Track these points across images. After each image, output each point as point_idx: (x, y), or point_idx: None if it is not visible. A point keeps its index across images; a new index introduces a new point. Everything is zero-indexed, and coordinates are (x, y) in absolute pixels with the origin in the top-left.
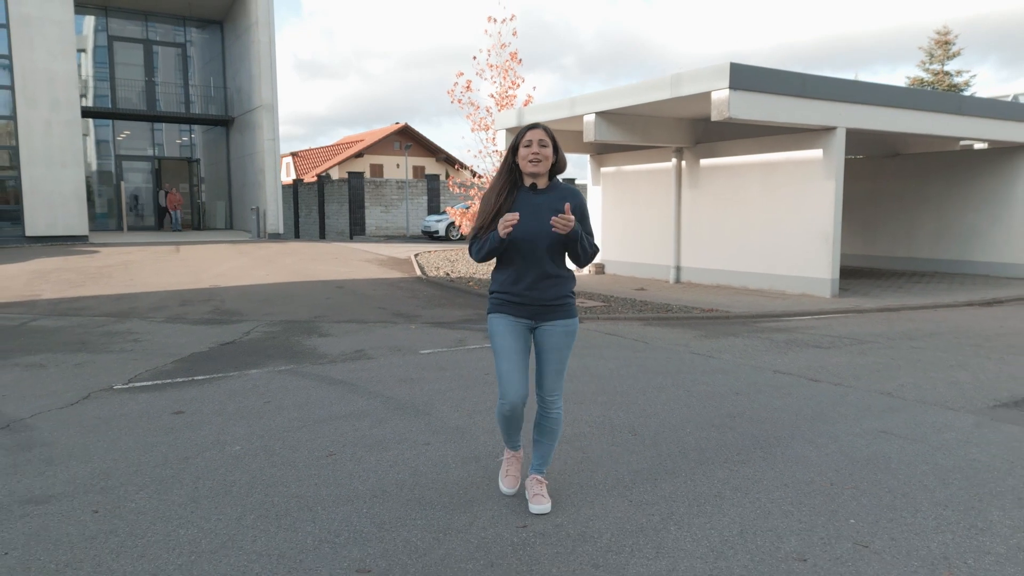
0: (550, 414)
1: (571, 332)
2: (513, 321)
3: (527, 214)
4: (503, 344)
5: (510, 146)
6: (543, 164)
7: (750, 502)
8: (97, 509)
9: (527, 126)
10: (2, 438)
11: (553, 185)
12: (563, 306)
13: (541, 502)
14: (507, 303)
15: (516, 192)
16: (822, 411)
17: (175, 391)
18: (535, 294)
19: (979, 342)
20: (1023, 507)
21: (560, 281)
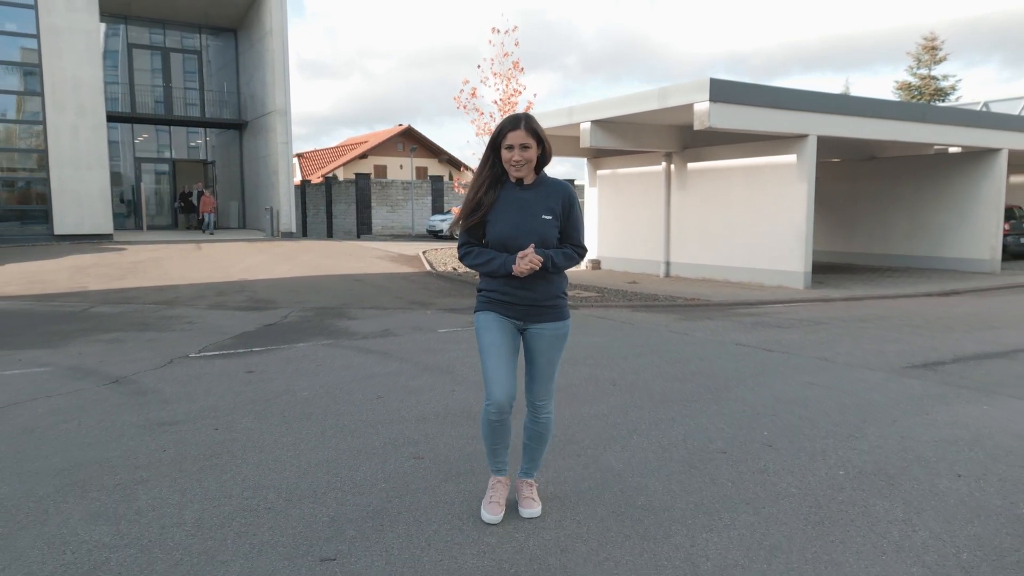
0: (539, 417)
1: (562, 336)
2: (501, 319)
3: (514, 211)
4: (489, 340)
5: (490, 142)
6: (526, 168)
7: (693, 423)
8: (217, 427)
9: (508, 121)
10: (118, 388)
11: (540, 180)
12: (554, 307)
13: (531, 505)
14: (496, 302)
15: (500, 188)
16: (766, 370)
17: (241, 358)
18: (525, 293)
19: (919, 324)
20: (892, 425)
21: (552, 280)
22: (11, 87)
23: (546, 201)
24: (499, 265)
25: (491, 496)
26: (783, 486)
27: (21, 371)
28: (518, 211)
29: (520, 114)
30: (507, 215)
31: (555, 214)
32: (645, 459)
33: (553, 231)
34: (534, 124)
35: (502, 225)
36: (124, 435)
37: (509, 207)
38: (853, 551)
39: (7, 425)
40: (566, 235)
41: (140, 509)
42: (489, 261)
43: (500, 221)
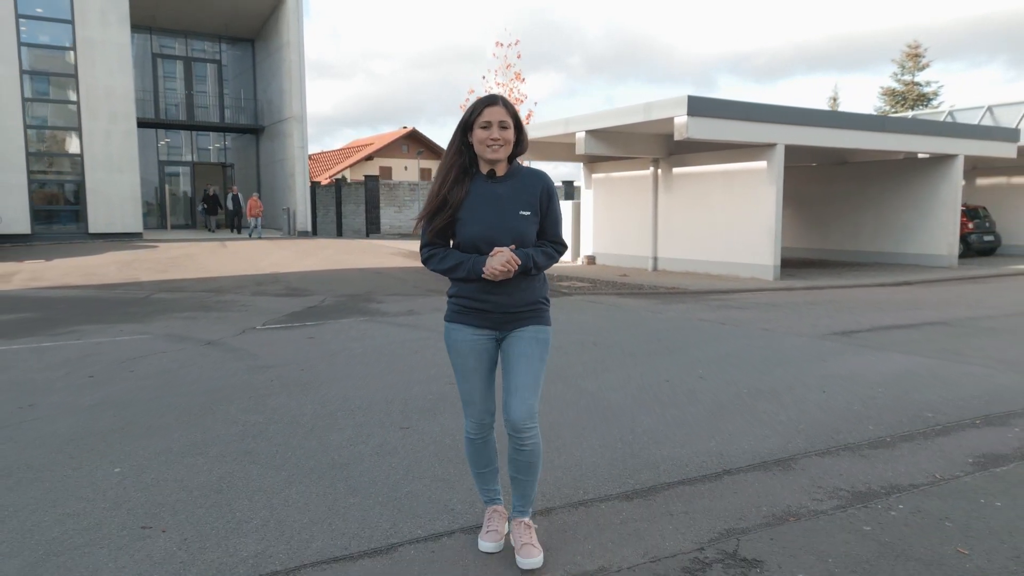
0: (524, 447)
1: (543, 340)
2: (474, 335)
3: (487, 208)
4: (463, 364)
5: (461, 123)
6: (503, 150)
7: (651, 367)
8: (303, 369)
9: (484, 99)
10: (213, 348)
11: (514, 171)
12: (534, 312)
13: (532, 553)
14: (468, 310)
15: (469, 180)
16: (716, 337)
17: (299, 329)
18: (501, 299)
19: (859, 306)
20: (795, 367)
21: (530, 284)
22: (50, 96)
23: (523, 195)
24: (468, 270)
25: (488, 527)
26: (702, 399)
27: (128, 337)
28: (492, 208)
29: (496, 94)
30: (480, 213)
31: (533, 209)
32: (610, 385)
33: (532, 228)
34: (511, 104)
35: (475, 225)
36: (237, 374)
37: (481, 203)
38: (745, 430)
39: (147, 368)
40: (544, 231)
41: (274, 407)
42: (457, 266)
43: (472, 220)
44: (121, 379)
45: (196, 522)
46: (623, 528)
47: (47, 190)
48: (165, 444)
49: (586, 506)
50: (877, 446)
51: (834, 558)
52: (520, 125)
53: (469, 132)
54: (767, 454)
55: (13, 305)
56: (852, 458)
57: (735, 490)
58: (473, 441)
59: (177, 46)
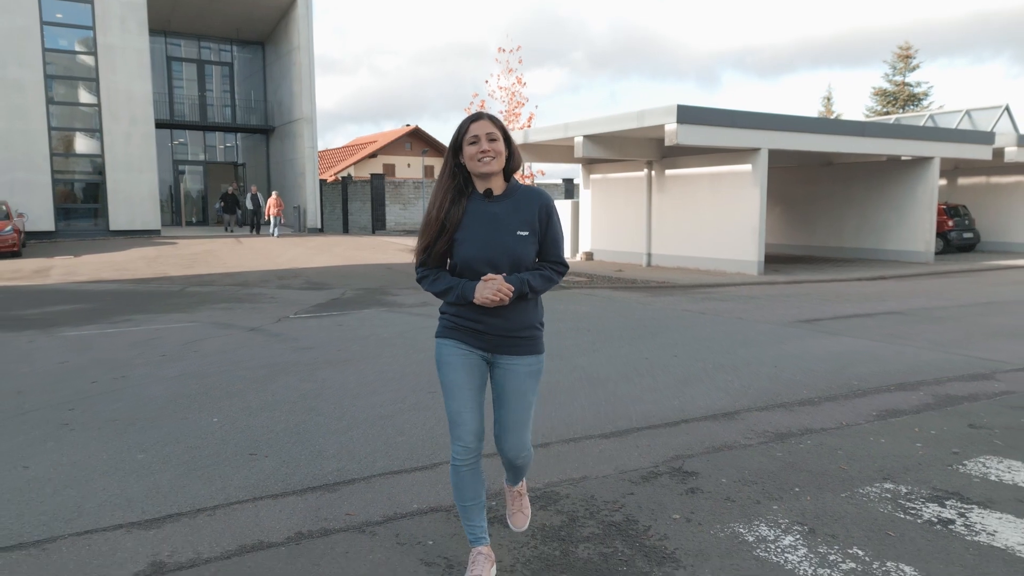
0: (517, 464)
1: (536, 372)
2: (465, 352)
3: (483, 229)
4: (453, 379)
5: (450, 145)
6: (496, 162)
7: (634, 347)
8: (339, 350)
9: (468, 117)
10: (256, 333)
11: (512, 189)
12: (529, 339)
13: (522, 521)
14: (460, 328)
15: (465, 201)
16: (695, 324)
17: (328, 318)
18: (496, 321)
19: (829, 297)
20: (757, 348)
21: (525, 307)
22: (73, 99)
23: (521, 213)
24: (458, 295)
25: (472, 571)
26: (673, 372)
27: (180, 325)
28: (488, 228)
29: (480, 111)
30: (475, 233)
31: (532, 228)
32: (599, 362)
33: (530, 249)
34: (498, 119)
35: (469, 246)
36: (284, 353)
37: (478, 224)
38: (704, 394)
39: (207, 349)
40: (544, 251)
41: (323, 378)
42: (448, 290)
43: (467, 240)
44: (189, 357)
45: (287, 452)
46: (601, 455)
47: (70, 189)
48: (244, 403)
49: (575, 442)
50: (804, 404)
51: (749, 470)
52: (509, 139)
53: (460, 153)
54: (717, 409)
55: (63, 297)
56: (783, 412)
57: (687, 432)
58: (459, 469)
59: (190, 49)
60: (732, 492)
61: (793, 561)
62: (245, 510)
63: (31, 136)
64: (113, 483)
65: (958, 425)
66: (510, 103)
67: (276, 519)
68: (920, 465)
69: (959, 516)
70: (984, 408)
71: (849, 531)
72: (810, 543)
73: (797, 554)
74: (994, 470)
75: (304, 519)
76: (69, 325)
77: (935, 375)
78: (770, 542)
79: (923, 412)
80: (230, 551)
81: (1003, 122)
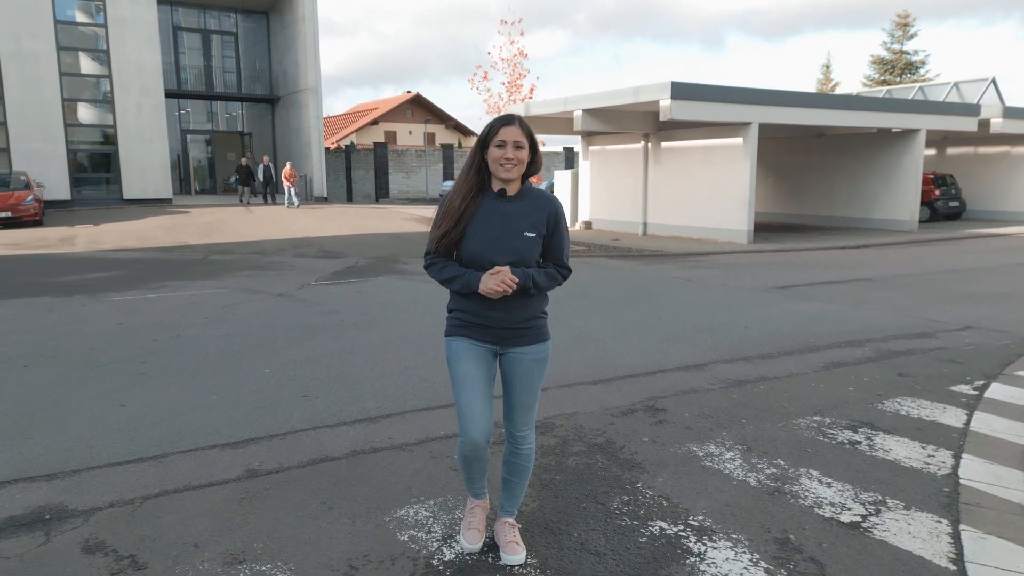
0: (521, 450)
1: (542, 360)
2: (475, 345)
3: (493, 226)
4: (463, 372)
5: (479, 141)
6: (517, 170)
7: (625, 312)
8: (362, 313)
9: (501, 119)
10: (284, 298)
11: (525, 191)
12: (533, 328)
13: (515, 551)
14: (468, 325)
15: (481, 196)
16: (682, 290)
17: (347, 284)
18: (501, 315)
19: (810, 265)
20: (734, 311)
21: (529, 301)
22: (85, 71)
23: (530, 216)
24: (464, 283)
25: (469, 522)
26: (657, 332)
27: (212, 291)
28: (498, 226)
29: (513, 114)
30: (485, 229)
31: (539, 231)
32: (592, 324)
33: (535, 250)
34: (527, 125)
35: (477, 241)
36: (313, 316)
37: (488, 221)
38: (681, 350)
39: (244, 312)
40: (549, 253)
41: (352, 338)
42: (454, 278)
43: (476, 235)
44: (229, 319)
45: (332, 394)
46: (589, 397)
47: (84, 159)
48: (288, 357)
49: (569, 387)
50: (765, 358)
51: (708, 408)
52: (535, 146)
53: (485, 150)
54: (690, 362)
55: (97, 265)
56: (745, 364)
57: (662, 379)
58: (467, 457)
59: (195, 18)
60: (692, 423)
61: (730, 468)
62: (308, 436)
63: (46, 107)
64: (198, 417)
65: (889, 374)
66: (512, 74)
67: (334, 442)
68: (847, 404)
69: (866, 439)
70: (916, 361)
71: (777, 449)
72: (745, 457)
73: (734, 463)
74: (905, 407)
75: (356, 441)
76: (112, 291)
77: (883, 334)
78: (715, 456)
79: (863, 364)
80: (304, 462)
81: (989, 94)
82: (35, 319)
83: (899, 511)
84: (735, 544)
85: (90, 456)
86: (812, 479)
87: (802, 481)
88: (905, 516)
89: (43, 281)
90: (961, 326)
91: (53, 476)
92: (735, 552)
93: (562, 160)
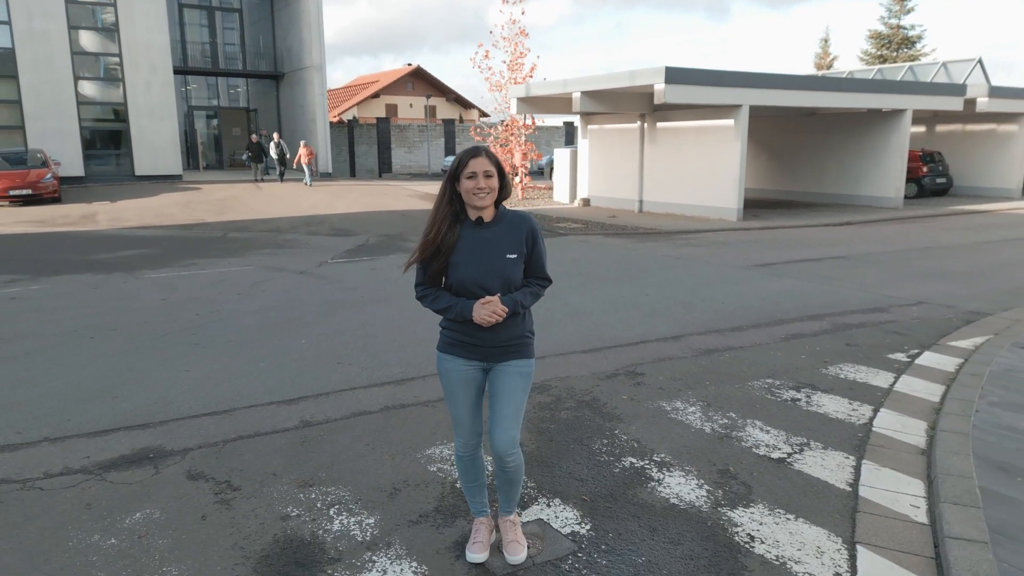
0: (507, 468)
1: (526, 374)
2: (464, 365)
3: (475, 252)
4: (453, 390)
5: (449, 173)
6: (489, 197)
7: (616, 288)
8: (380, 290)
9: (468, 152)
10: (305, 276)
11: (500, 215)
12: (519, 346)
13: (517, 551)
14: (458, 343)
15: (459, 226)
16: (670, 267)
17: (361, 263)
18: (488, 335)
19: (790, 243)
20: (715, 287)
21: (515, 320)
22: (95, 50)
23: (509, 238)
24: (457, 313)
25: (475, 538)
26: (642, 307)
27: (238, 268)
28: (481, 252)
29: (480, 145)
30: (470, 257)
31: (519, 251)
32: (586, 299)
33: (519, 270)
34: (493, 154)
35: (465, 269)
36: (335, 293)
37: (471, 248)
38: (662, 323)
39: (271, 289)
40: (530, 268)
41: (371, 312)
42: (448, 308)
43: (463, 264)
44: (260, 296)
45: (363, 362)
46: (580, 363)
47: (96, 136)
48: (319, 330)
49: (563, 356)
50: (734, 330)
51: (679, 372)
52: (503, 172)
53: (456, 182)
54: (669, 334)
55: (125, 243)
56: (716, 336)
57: (643, 349)
58: (462, 458)
59: None
60: (664, 384)
61: (690, 419)
62: (346, 395)
63: (58, 86)
64: (252, 380)
65: (839, 344)
66: (513, 53)
67: (369, 399)
68: (797, 369)
69: (805, 397)
70: (865, 332)
71: (731, 405)
72: (704, 410)
73: (695, 416)
74: (845, 372)
75: (387, 399)
76: (146, 268)
77: (843, 309)
78: (680, 410)
79: (819, 335)
80: (347, 415)
81: (976, 74)
82: (85, 295)
83: (818, 451)
84: (687, 473)
85: (172, 410)
86: (755, 428)
87: (747, 429)
88: (822, 454)
89: (79, 259)
90: (914, 302)
91: (146, 426)
92: (686, 479)
93: (562, 134)
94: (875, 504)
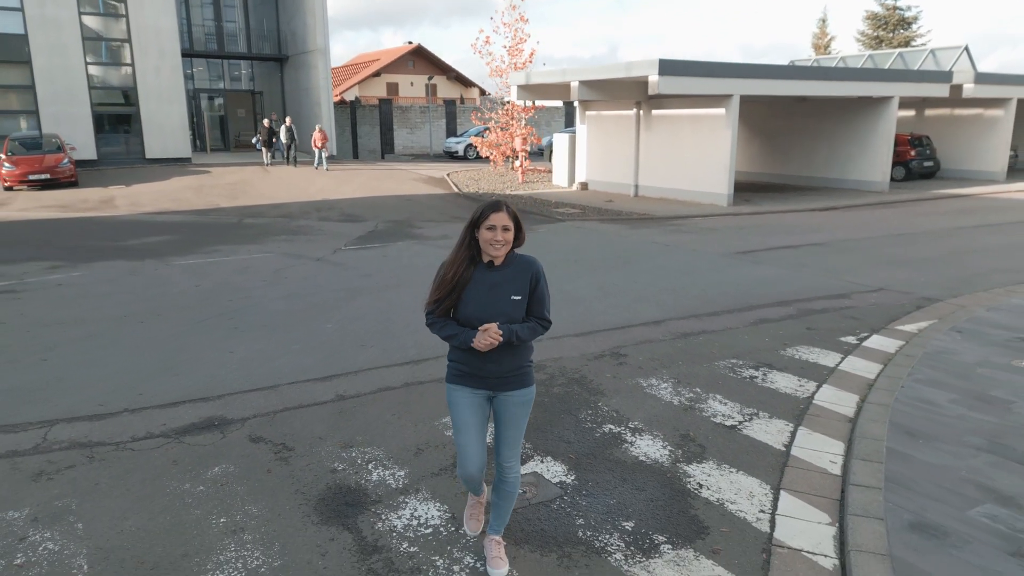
0: (507, 478)
1: (527, 403)
2: (471, 394)
3: (483, 292)
4: (461, 419)
5: (470, 221)
6: (504, 248)
7: (608, 275)
8: (394, 275)
9: (491, 205)
10: (322, 262)
11: (510, 259)
12: (520, 375)
13: (499, 565)
14: (465, 375)
15: (473, 267)
16: (660, 254)
17: (373, 249)
18: (493, 367)
19: (773, 229)
20: (699, 274)
21: (515, 352)
22: (105, 35)
23: (516, 281)
24: (461, 341)
25: (471, 513)
26: (631, 293)
27: (259, 255)
28: (488, 293)
29: (501, 200)
30: (477, 295)
31: (523, 293)
32: (580, 286)
33: (521, 310)
34: (514, 209)
35: (472, 306)
36: (352, 279)
37: (480, 288)
38: (646, 308)
39: (293, 275)
40: (531, 309)
41: (388, 298)
42: (453, 336)
43: (471, 301)
44: (283, 282)
45: (383, 344)
46: (572, 346)
47: (107, 120)
48: (343, 315)
49: (557, 339)
50: (710, 315)
51: (657, 353)
52: (520, 226)
53: (476, 229)
54: (651, 319)
55: (148, 229)
56: (693, 320)
57: (628, 333)
58: (466, 480)
59: None
60: (643, 364)
61: (662, 393)
62: (371, 373)
63: (70, 71)
64: (289, 361)
65: (800, 328)
66: (513, 39)
67: (392, 377)
68: (759, 350)
69: (762, 375)
70: (825, 317)
71: (698, 381)
72: (674, 386)
73: (666, 391)
74: (800, 353)
75: (407, 376)
76: (174, 255)
77: (809, 295)
78: (654, 386)
79: (784, 320)
80: (374, 391)
81: (962, 60)
82: (124, 282)
83: (764, 419)
84: (655, 437)
85: (224, 386)
86: (716, 400)
87: (708, 402)
88: (767, 422)
89: (108, 245)
90: (875, 288)
91: (206, 399)
92: (653, 441)
93: (561, 115)
94: (802, 460)
